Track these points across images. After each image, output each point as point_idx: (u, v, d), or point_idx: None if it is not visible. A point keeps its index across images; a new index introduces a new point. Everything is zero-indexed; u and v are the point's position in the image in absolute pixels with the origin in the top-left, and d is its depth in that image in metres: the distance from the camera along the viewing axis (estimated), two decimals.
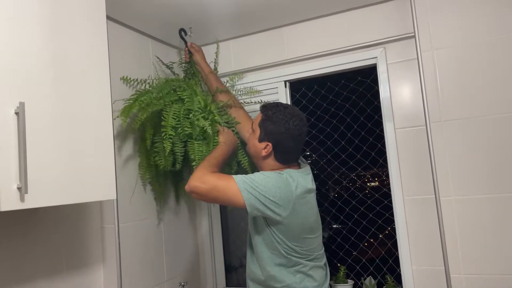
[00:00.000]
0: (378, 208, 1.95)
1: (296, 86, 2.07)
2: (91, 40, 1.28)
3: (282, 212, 1.33)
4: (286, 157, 1.46)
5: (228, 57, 2.08)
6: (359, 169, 1.99)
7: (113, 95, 1.36)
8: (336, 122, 2.05)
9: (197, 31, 1.93)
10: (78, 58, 1.23)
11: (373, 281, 1.89)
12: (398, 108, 1.74)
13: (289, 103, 1.99)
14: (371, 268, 1.97)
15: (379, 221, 1.93)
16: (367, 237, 1.97)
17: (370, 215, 1.96)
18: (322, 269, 1.47)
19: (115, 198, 1.33)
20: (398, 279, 1.80)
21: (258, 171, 1.46)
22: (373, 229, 1.95)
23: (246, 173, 1.57)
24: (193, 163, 1.56)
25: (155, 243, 1.82)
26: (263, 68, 2.00)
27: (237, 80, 1.98)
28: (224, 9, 1.75)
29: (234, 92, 1.96)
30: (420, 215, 1.68)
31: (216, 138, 1.59)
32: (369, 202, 1.98)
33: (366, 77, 1.95)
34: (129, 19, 1.77)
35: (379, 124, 1.87)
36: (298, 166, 1.51)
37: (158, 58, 1.96)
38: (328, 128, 2.06)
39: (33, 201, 1.04)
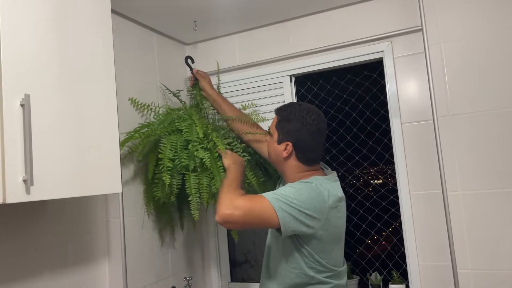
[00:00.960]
0: (384, 203, 1.93)
1: (301, 81, 2.06)
2: (96, 33, 1.28)
3: (315, 224, 1.25)
4: (308, 156, 1.38)
5: (232, 51, 2.07)
6: (365, 164, 1.98)
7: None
8: (341, 117, 2.03)
9: (201, 25, 1.92)
10: (83, 51, 1.23)
11: (378, 277, 1.88)
12: (405, 102, 1.73)
13: (297, 101, 1.98)
14: (377, 264, 1.96)
15: (385, 217, 1.92)
16: (372, 232, 1.96)
17: (376, 210, 1.94)
18: None
19: (120, 192, 1.32)
20: (404, 275, 1.79)
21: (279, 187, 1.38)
22: (378, 225, 1.94)
23: (256, 193, 1.52)
24: (189, 198, 1.53)
25: (160, 237, 1.81)
26: (268, 62, 1.99)
27: (249, 107, 1.94)
28: (229, 3, 1.74)
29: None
30: (426, 210, 1.67)
31: (219, 163, 1.53)
32: (374, 197, 1.97)
33: (373, 71, 1.93)
34: (133, 12, 1.76)
35: (385, 118, 1.86)
36: (323, 172, 1.44)
37: (164, 86, 1.95)
38: (333, 123, 2.05)
39: (38, 194, 1.03)
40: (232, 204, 1.24)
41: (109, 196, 1.62)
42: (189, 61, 1.90)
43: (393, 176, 1.84)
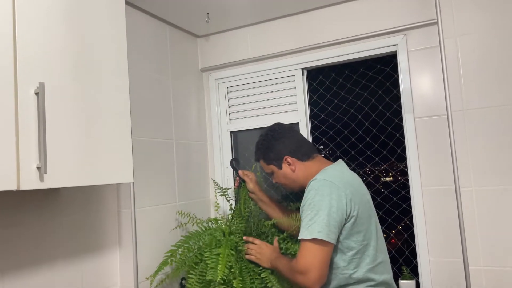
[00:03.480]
0: (395, 198, 1.92)
1: (314, 75, 2.05)
2: (110, 24, 1.29)
3: (345, 212, 1.33)
4: (304, 150, 1.53)
5: (245, 44, 2.06)
6: (377, 159, 1.96)
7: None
8: (353, 111, 2.02)
9: (214, 17, 1.92)
10: (97, 41, 1.23)
11: None
12: (418, 96, 1.71)
13: (308, 94, 1.97)
14: None
15: (396, 212, 1.90)
16: (383, 228, 1.94)
17: (387, 205, 1.93)
18: None
19: (132, 181, 1.33)
20: (414, 271, 1.77)
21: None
22: (389, 220, 1.92)
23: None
24: None
25: (171, 227, 1.83)
26: (280, 55, 1.98)
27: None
28: None
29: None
30: (438, 206, 1.65)
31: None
32: (386, 192, 1.95)
33: (386, 65, 1.91)
34: (146, 4, 1.76)
35: (398, 113, 1.83)
36: (329, 161, 1.54)
37: (214, 180, 1.99)
38: (345, 117, 2.03)
39: (52, 181, 1.05)
40: (301, 272, 1.30)
41: (121, 186, 1.64)
42: (234, 163, 1.89)
43: (404, 171, 1.82)
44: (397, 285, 1.80)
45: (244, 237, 1.61)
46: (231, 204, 1.86)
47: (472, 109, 1.56)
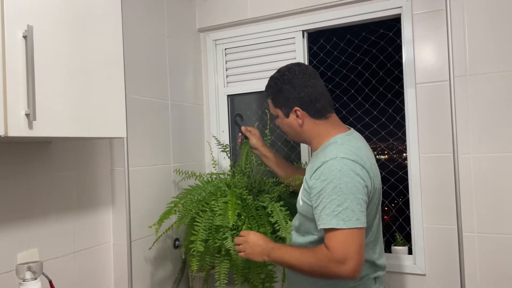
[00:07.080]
0: (391, 166, 1.90)
1: (314, 38, 1.99)
2: None
3: (368, 193, 1.21)
4: (318, 106, 1.31)
5: (244, 4, 1.99)
6: (375, 126, 1.93)
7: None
8: (353, 76, 1.97)
9: None
10: None
11: None
12: (421, 61, 1.66)
13: (308, 58, 1.92)
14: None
15: (392, 179, 1.90)
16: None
17: (383, 173, 1.91)
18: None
19: (125, 136, 1.30)
20: (407, 238, 1.78)
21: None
22: (385, 187, 1.92)
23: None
24: (217, 283, 1.46)
25: (166, 187, 1.81)
26: (281, 16, 1.92)
27: None
28: None
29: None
30: (435, 173, 1.64)
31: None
32: (382, 160, 1.94)
33: (389, 30, 1.86)
34: None
35: (399, 79, 1.80)
36: (342, 126, 1.37)
37: (214, 137, 1.93)
38: (345, 83, 1.99)
39: (41, 129, 1.02)
40: (340, 260, 1.13)
41: (114, 144, 1.61)
42: (237, 118, 1.81)
43: (402, 139, 1.80)
44: (390, 250, 1.81)
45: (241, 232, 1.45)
46: (232, 161, 1.83)
47: (475, 74, 1.52)
